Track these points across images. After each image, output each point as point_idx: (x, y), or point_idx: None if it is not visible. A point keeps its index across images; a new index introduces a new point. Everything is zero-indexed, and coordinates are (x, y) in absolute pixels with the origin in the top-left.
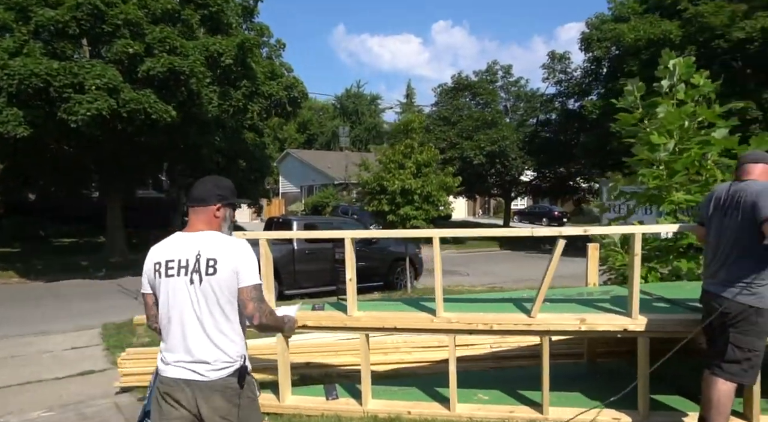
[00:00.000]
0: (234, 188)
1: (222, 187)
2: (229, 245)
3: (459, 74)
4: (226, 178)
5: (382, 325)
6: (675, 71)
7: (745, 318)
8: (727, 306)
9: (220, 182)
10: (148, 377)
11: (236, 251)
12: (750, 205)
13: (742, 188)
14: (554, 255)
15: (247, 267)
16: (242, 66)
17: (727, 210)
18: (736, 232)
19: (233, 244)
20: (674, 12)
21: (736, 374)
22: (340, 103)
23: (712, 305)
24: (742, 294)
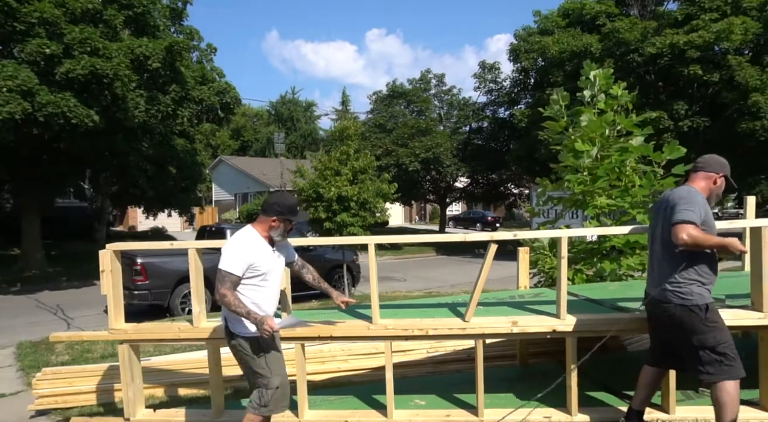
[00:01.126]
0: (294, 206)
1: (281, 204)
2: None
3: (393, 82)
4: (292, 197)
5: (317, 334)
6: (596, 82)
7: (692, 319)
8: (668, 310)
9: (282, 200)
10: (67, 398)
11: (227, 242)
12: (671, 209)
13: (671, 193)
14: (486, 260)
15: (222, 253)
16: (171, 70)
17: (658, 215)
18: (662, 236)
19: (233, 237)
20: (594, 27)
21: (722, 373)
22: (275, 109)
23: (660, 309)
24: (676, 296)
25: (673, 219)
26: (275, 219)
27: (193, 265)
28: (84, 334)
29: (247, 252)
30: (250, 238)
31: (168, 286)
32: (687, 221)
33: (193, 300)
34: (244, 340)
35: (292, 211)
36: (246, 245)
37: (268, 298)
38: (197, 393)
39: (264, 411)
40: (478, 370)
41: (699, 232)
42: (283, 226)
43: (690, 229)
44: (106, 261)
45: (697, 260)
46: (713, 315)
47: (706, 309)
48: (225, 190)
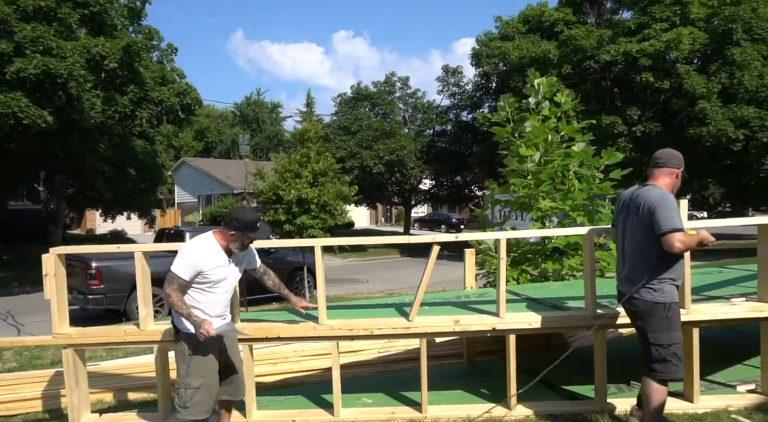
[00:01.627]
0: (253, 223)
1: (240, 220)
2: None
3: (358, 84)
4: (253, 213)
5: (265, 335)
6: (539, 89)
7: (655, 315)
8: (636, 305)
9: (242, 215)
10: (10, 405)
11: (182, 246)
12: (647, 212)
13: (641, 193)
14: (429, 261)
15: (177, 255)
16: (129, 70)
17: (628, 213)
18: (635, 234)
19: (188, 242)
20: (552, 33)
21: (667, 372)
22: (240, 110)
23: (625, 305)
24: (648, 292)
25: (661, 230)
26: (233, 233)
27: (139, 269)
28: (27, 339)
29: (199, 260)
30: (206, 246)
31: (124, 290)
32: (676, 229)
33: (139, 303)
34: (183, 336)
35: (250, 227)
36: (200, 253)
37: (215, 304)
38: (146, 396)
39: (186, 414)
40: (422, 368)
41: (687, 237)
42: (241, 241)
43: (680, 237)
44: (50, 264)
45: (670, 259)
46: (674, 314)
47: (670, 307)
48: (188, 192)
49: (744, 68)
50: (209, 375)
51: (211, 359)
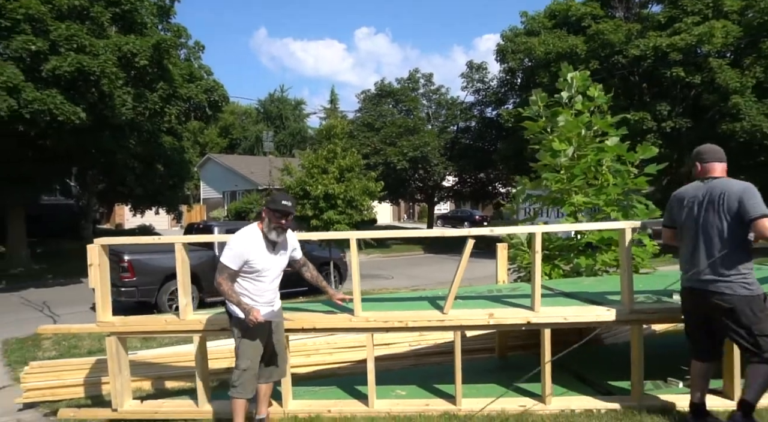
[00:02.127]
0: (278, 199)
1: (272, 199)
2: None
3: (382, 81)
4: (286, 195)
5: (301, 326)
6: (573, 83)
7: (754, 308)
8: (730, 301)
9: (274, 195)
10: (55, 391)
11: (230, 238)
12: (736, 202)
13: (718, 186)
14: (464, 255)
15: (225, 248)
16: (158, 67)
17: (707, 208)
18: (720, 229)
19: (235, 234)
20: (579, 28)
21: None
22: (264, 107)
23: (712, 302)
24: (741, 287)
25: (754, 215)
26: (264, 210)
27: (179, 259)
28: (72, 327)
29: (244, 250)
30: (250, 237)
31: (155, 283)
32: (765, 215)
33: (179, 293)
34: (234, 320)
35: (275, 202)
36: (245, 243)
37: (263, 292)
38: (183, 385)
39: (234, 392)
40: (456, 361)
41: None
42: (270, 219)
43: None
44: (94, 255)
45: (749, 251)
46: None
47: (766, 298)
48: (213, 188)
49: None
50: (255, 359)
51: (257, 344)
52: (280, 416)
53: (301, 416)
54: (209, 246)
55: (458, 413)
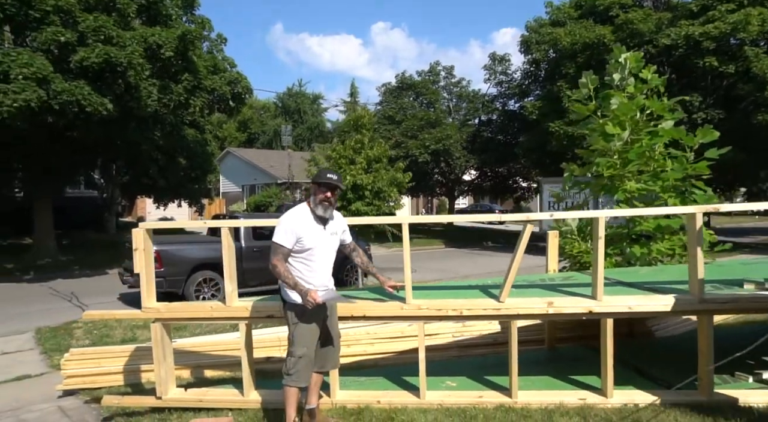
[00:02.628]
0: (323, 173)
1: (318, 173)
2: None
3: (403, 74)
4: (332, 170)
5: (350, 314)
6: (626, 65)
7: None
8: None
9: (320, 170)
10: (95, 378)
11: (279, 219)
12: None
13: None
14: (522, 240)
15: (275, 229)
16: (183, 59)
17: None
18: None
19: (283, 215)
20: (607, 18)
21: None
22: (282, 101)
23: None
24: None
25: None
26: (310, 185)
27: (225, 244)
28: (117, 313)
29: (295, 226)
30: (299, 214)
31: (183, 274)
32: None
33: (225, 278)
34: (288, 306)
35: (321, 175)
36: (295, 218)
37: (317, 273)
38: (222, 374)
39: (289, 381)
40: (512, 351)
41: None
42: (314, 193)
43: None
44: (139, 239)
45: None
46: None
47: None
48: (232, 182)
49: None
50: (311, 345)
51: (314, 328)
52: (327, 406)
53: (349, 406)
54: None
55: (514, 405)
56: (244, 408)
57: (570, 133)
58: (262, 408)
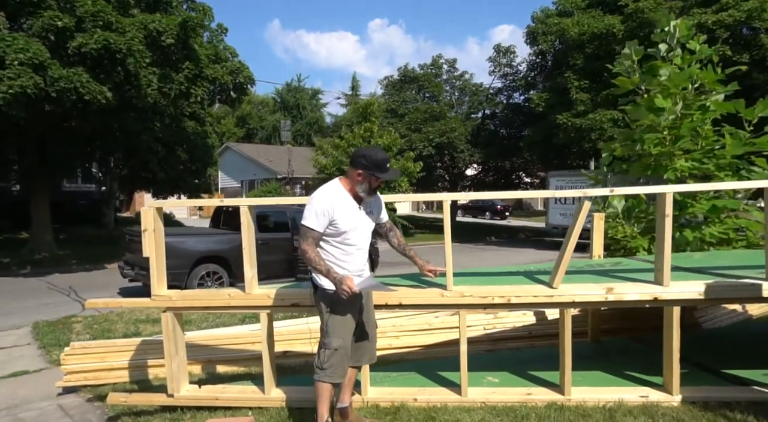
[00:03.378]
0: (383, 162)
1: (369, 158)
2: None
3: (405, 66)
4: (382, 152)
5: (385, 302)
6: (675, 34)
7: None
8: None
9: (370, 153)
10: (98, 375)
11: (309, 199)
12: None
13: None
14: (579, 218)
15: (304, 212)
16: (184, 47)
17: None
18: None
19: (313, 193)
20: (616, 7)
21: None
22: (281, 96)
23: None
24: None
25: None
26: (360, 172)
27: (245, 223)
28: (123, 300)
29: (328, 207)
30: (332, 192)
31: (185, 267)
32: None
33: (245, 263)
34: (320, 294)
35: (379, 166)
36: (327, 199)
37: (353, 257)
38: (237, 370)
39: (322, 376)
40: (565, 344)
41: None
42: (368, 182)
43: None
44: (149, 219)
45: None
46: None
47: None
48: (231, 177)
49: None
50: (347, 336)
51: (349, 319)
52: (358, 404)
53: (383, 405)
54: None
55: (567, 403)
56: (265, 406)
57: (578, 125)
58: (285, 407)
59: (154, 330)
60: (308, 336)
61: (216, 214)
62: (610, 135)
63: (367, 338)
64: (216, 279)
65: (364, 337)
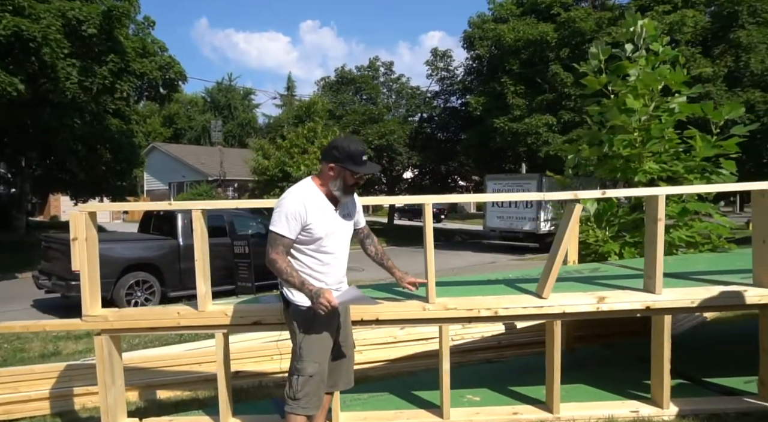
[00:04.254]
0: (358, 155)
1: (342, 149)
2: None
3: (342, 68)
4: (359, 143)
5: (360, 318)
6: (643, 33)
7: None
8: None
9: (343, 143)
10: (9, 408)
11: (277, 201)
12: None
13: None
14: (571, 221)
15: (272, 216)
16: (108, 38)
17: None
18: None
19: (282, 195)
20: (548, 16)
21: None
22: (211, 96)
23: None
24: None
25: None
26: (332, 166)
27: (198, 229)
28: (47, 323)
29: (300, 210)
30: (304, 193)
31: (111, 276)
32: None
33: (197, 276)
34: (296, 311)
35: (353, 159)
36: (299, 201)
37: (330, 269)
38: (181, 395)
39: (296, 407)
40: (554, 358)
41: None
42: (343, 178)
43: None
44: (80, 225)
45: None
46: None
47: None
48: (158, 179)
49: (750, 51)
50: (324, 360)
51: (326, 339)
52: None
53: None
54: (172, 235)
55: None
56: None
57: (514, 130)
58: None
59: (77, 348)
60: (263, 354)
61: (145, 218)
62: (545, 139)
63: (345, 358)
64: (146, 289)
65: (341, 358)
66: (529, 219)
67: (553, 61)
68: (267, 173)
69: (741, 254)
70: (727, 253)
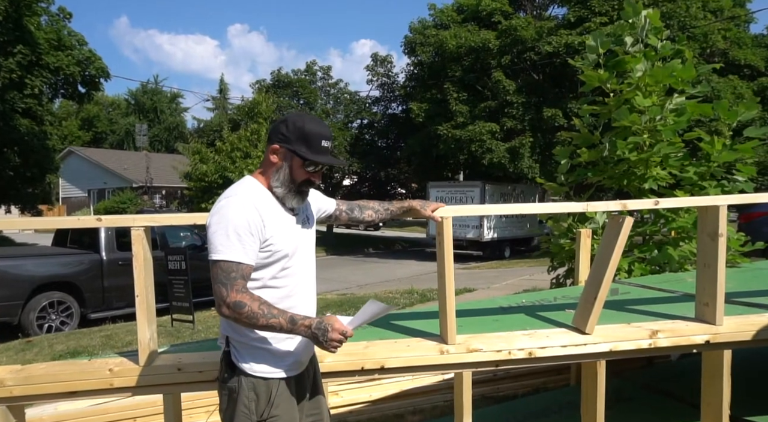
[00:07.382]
0: (306, 134)
1: (292, 125)
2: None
3: (279, 71)
4: (317, 120)
5: (360, 366)
6: (646, 25)
7: None
8: None
9: (294, 119)
10: None
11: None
12: None
13: None
14: (620, 237)
15: (209, 239)
16: (16, 27)
17: None
18: None
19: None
20: (490, 23)
21: None
22: (135, 98)
23: None
24: None
25: None
26: (276, 147)
27: (140, 255)
28: None
29: (253, 219)
30: (252, 194)
31: (19, 298)
32: None
33: (139, 319)
34: (245, 383)
35: (308, 140)
36: (248, 207)
37: (298, 300)
38: None
39: None
40: (596, 408)
41: None
42: (289, 168)
43: None
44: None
45: None
46: None
47: None
48: (75, 186)
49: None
50: None
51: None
52: None
53: None
54: (94, 249)
55: None
56: None
57: (457, 137)
58: None
59: None
60: (210, 405)
61: (61, 234)
62: (488, 146)
63: None
64: (63, 311)
65: None
66: (472, 226)
67: (495, 69)
68: (205, 179)
69: (761, 270)
70: (746, 269)
